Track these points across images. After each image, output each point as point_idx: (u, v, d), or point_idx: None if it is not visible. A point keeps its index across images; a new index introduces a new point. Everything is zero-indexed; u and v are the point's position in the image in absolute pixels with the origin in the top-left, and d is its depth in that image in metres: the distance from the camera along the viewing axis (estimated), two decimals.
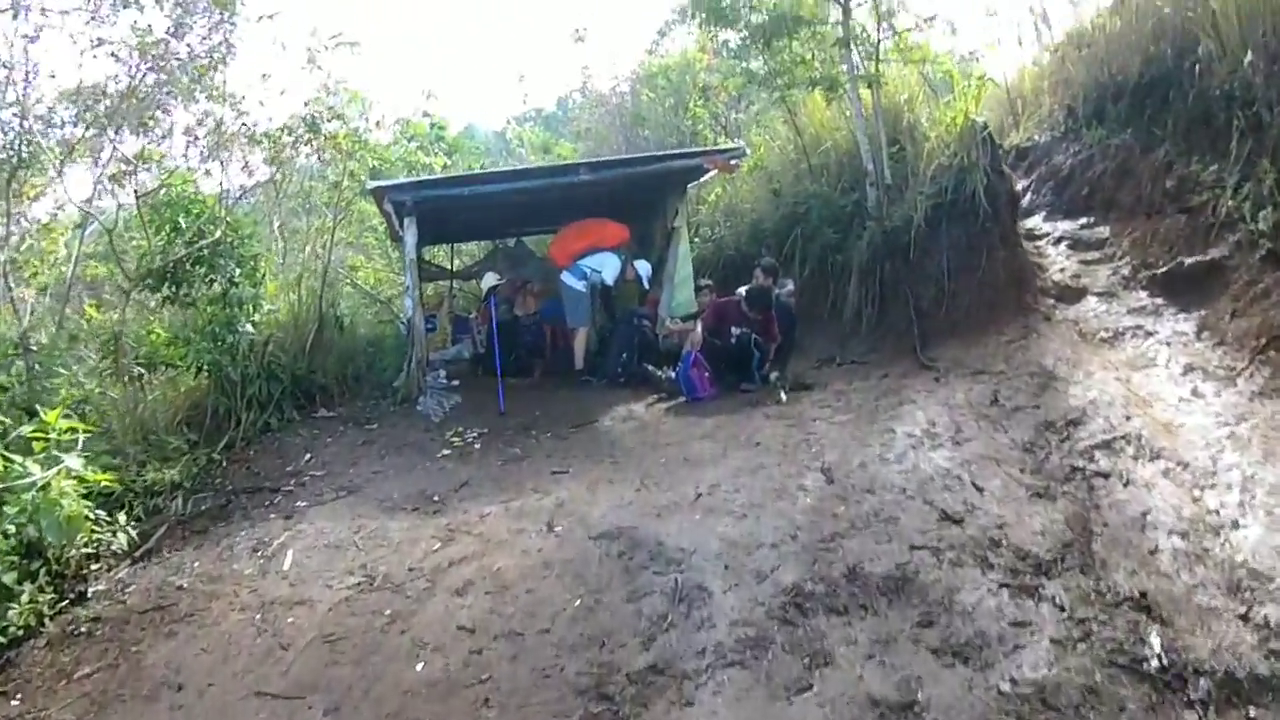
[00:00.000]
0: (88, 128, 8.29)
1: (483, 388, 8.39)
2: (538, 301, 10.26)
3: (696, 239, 10.55)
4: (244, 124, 8.77)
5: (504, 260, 11.39)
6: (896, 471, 5.01)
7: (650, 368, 8.15)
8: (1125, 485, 4.96)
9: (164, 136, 8.65)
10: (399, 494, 5.63)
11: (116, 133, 8.32)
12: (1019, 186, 9.89)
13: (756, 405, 6.92)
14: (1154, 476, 5.04)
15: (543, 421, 7.25)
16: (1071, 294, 8.25)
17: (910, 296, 8.07)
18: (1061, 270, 8.68)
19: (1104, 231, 9.14)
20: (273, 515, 5.56)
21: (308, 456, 6.66)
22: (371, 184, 8.17)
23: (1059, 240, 9.29)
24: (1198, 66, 7.98)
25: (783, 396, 7.02)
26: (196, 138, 8.65)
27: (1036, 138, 11.05)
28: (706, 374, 7.55)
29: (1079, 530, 4.45)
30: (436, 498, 5.52)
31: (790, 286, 8.52)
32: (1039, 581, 3.93)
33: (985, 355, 7.10)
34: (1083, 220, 9.46)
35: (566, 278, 8.79)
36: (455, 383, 8.90)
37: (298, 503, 5.71)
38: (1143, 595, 3.92)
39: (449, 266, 12.04)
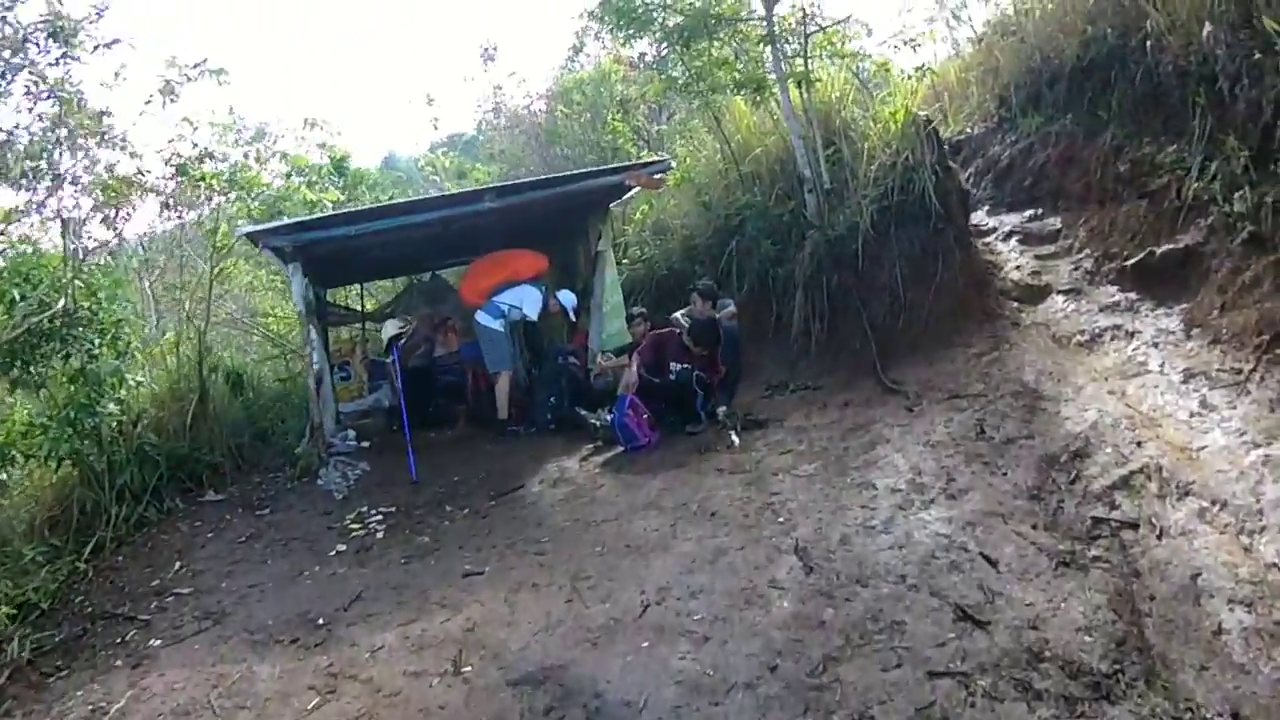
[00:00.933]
0: None
1: (397, 447, 7.05)
2: (460, 339, 9.00)
3: (625, 260, 9.39)
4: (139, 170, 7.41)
5: (420, 297, 10.08)
6: (888, 546, 3.89)
7: (583, 412, 6.94)
8: (1160, 538, 3.92)
9: (50, 191, 7.21)
10: (275, 619, 4.33)
11: None
12: None
13: (705, 454, 5.77)
14: (1190, 521, 4.01)
15: (461, 490, 6.00)
16: (1033, 294, 7.30)
17: (862, 310, 7.03)
18: (1018, 268, 7.73)
19: (1055, 223, 8.26)
20: (119, 661, 4.21)
21: (177, 565, 5.31)
22: (243, 229, 6.83)
23: (1009, 235, 8.35)
24: (1148, 43, 7.12)
25: (734, 439, 5.88)
26: (84, 186, 7.26)
27: (969, 130, 10.14)
28: (645, 416, 6.37)
29: (1127, 614, 3.39)
30: (321, 621, 4.22)
31: (730, 307, 7.39)
32: (1103, 710, 2.83)
33: (956, 373, 6.07)
34: (1029, 212, 8.57)
35: (481, 318, 7.53)
36: (365, 444, 7.60)
37: (151, 640, 4.35)
38: (1235, 717, 2.86)
39: (360, 307, 10.67)
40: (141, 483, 6.34)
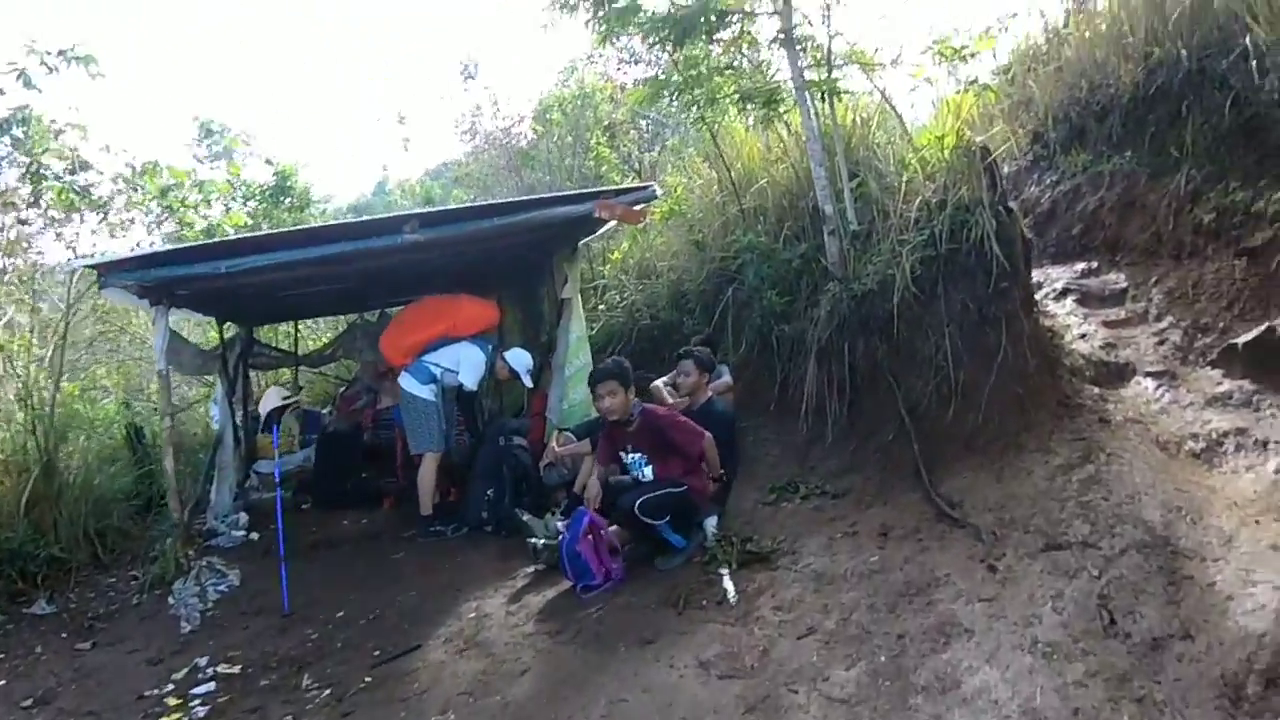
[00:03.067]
0: None
1: (295, 542, 4.99)
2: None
3: (602, 305, 7.39)
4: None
5: (364, 339, 8.05)
6: None
7: (525, 516, 4.87)
8: None
9: None
10: None
11: None
12: None
13: (684, 614, 3.72)
14: None
15: (337, 640, 3.97)
16: (1112, 375, 5.34)
17: (897, 388, 5.06)
18: (1083, 337, 5.77)
19: (1118, 280, 6.37)
20: None
21: None
22: (79, 261, 4.85)
23: (1062, 294, 6.43)
24: (1246, 64, 5.45)
25: (729, 590, 3.84)
26: None
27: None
28: (604, 535, 4.32)
29: None
30: None
31: (726, 377, 5.42)
32: None
33: (1039, 497, 4.05)
34: (1081, 266, 6.67)
35: (406, 382, 5.48)
36: (254, 535, 5.61)
37: None
38: None
39: (293, 348, 8.65)
40: None
